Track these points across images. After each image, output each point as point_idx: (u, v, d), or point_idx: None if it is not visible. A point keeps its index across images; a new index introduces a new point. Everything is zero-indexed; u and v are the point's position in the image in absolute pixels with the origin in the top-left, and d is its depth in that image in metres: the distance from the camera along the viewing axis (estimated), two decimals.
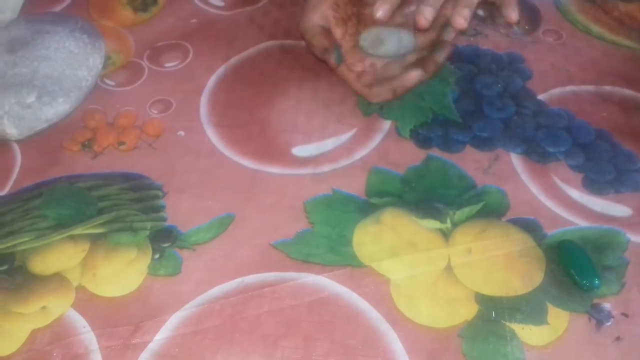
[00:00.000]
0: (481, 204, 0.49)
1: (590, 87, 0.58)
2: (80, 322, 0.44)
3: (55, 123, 0.57)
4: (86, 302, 0.45)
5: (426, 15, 0.54)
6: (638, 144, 0.53)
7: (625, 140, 0.53)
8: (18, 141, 0.56)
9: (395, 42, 0.57)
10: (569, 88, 0.58)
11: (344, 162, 0.53)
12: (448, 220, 0.48)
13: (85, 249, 0.48)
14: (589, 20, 0.63)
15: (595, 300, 0.44)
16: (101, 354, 0.42)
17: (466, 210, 0.49)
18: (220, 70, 0.61)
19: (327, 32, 0.56)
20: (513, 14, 0.53)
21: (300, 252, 0.47)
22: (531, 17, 0.64)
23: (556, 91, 0.58)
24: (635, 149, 0.53)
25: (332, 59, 0.55)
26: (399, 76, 0.54)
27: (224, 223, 0.49)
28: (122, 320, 0.44)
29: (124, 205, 0.50)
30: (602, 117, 0.55)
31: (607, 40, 0.62)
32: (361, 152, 0.54)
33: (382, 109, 0.56)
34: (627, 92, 0.57)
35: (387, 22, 0.57)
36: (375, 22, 0.57)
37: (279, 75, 0.60)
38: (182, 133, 0.56)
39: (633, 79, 0.58)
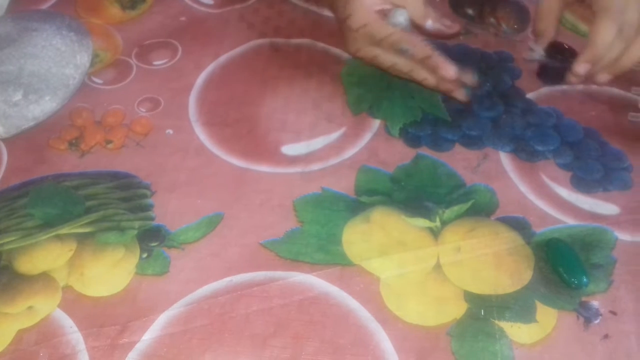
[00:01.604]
0: (470, 203, 0.49)
1: (579, 86, 0.58)
2: (67, 322, 0.44)
3: (42, 121, 0.56)
4: (73, 302, 0.45)
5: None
6: (626, 142, 0.53)
7: (613, 139, 0.54)
8: (4, 140, 0.55)
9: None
10: (558, 87, 0.58)
11: (334, 161, 0.53)
12: (437, 219, 0.48)
13: (72, 249, 0.47)
14: (577, 19, 0.64)
15: (584, 298, 0.44)
16: (88, 354, 0.42)
17: (455, 209, 0.49)
18: (209, 68, 0.61)
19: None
20: None
21: (290, 251, 0.47)
22: (520, 16, 0.64)
23: (545, 90, 0.58)
24: (623, 148, 0.53)
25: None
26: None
27: (212, 222, 0.49)
28: (109, 320, 0.44)
29: (111, 205, 0.50)
30: (590, 116, 0.56)
31: None
32: (351, 151, 0.53)
33: (371, 108, 0.56)
34: (616, 91, 0.58)
35: None
36: None
37: (268, 74, 0.60)
38: (170, 131, 0.56)
39: (621, 78, 0.58)
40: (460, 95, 0.54)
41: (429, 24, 0.54)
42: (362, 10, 0.52)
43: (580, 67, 0.52)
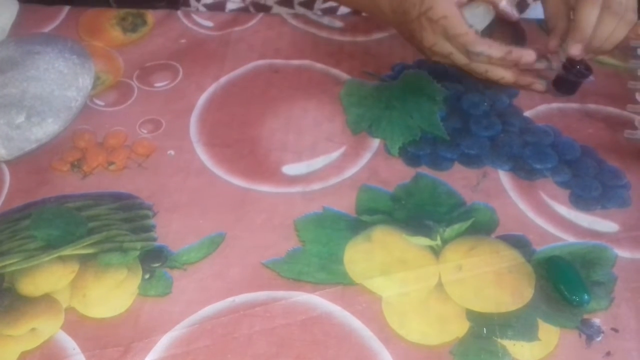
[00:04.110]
0: (470, 221, 0.50)
1: (575, 105, 0.59)
2: (69, 344, 0.44)
3: (45, 143, 0.56)
4: (76, 324, 0.45)
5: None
6: (623, 160, 0.54)
7: (610, 156, 0.54)
8: (7, 162, 0.56)
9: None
10: (555, 105, 0.59)
11: (334, 180, 0.53)
12: (438, 238, 0.49)
13: (74, 270, 0.48)
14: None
15: (585, 316, 0.44)
16: None
17: (456, 227, 0.49)
18: (210, 89, 0.61)
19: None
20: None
21: (292, 270, 0.47)
22: (517, 36, 0.65)
23: (542, 108, 0.59)
24: (620, 165, 0.54)
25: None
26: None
27: (214, 242, 0.49)
28: (112, 342, 0.44)
29: (113, 226, 0.50)
30: (587, 134, 0.56)
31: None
32: (351, 170, 0.54)
33: (370, 127, 0.57)
34: (611, 109, 0.58)
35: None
36: None
37: (268, 94, 0.61)
38: (172, 152, 0.56)
39: (617, 96, 0.59)
40: (540, 86, 0.55)
41: (503, 4, 0.54)
42: (444, 2, 0.52)
43: (574, 48, 0.53)
